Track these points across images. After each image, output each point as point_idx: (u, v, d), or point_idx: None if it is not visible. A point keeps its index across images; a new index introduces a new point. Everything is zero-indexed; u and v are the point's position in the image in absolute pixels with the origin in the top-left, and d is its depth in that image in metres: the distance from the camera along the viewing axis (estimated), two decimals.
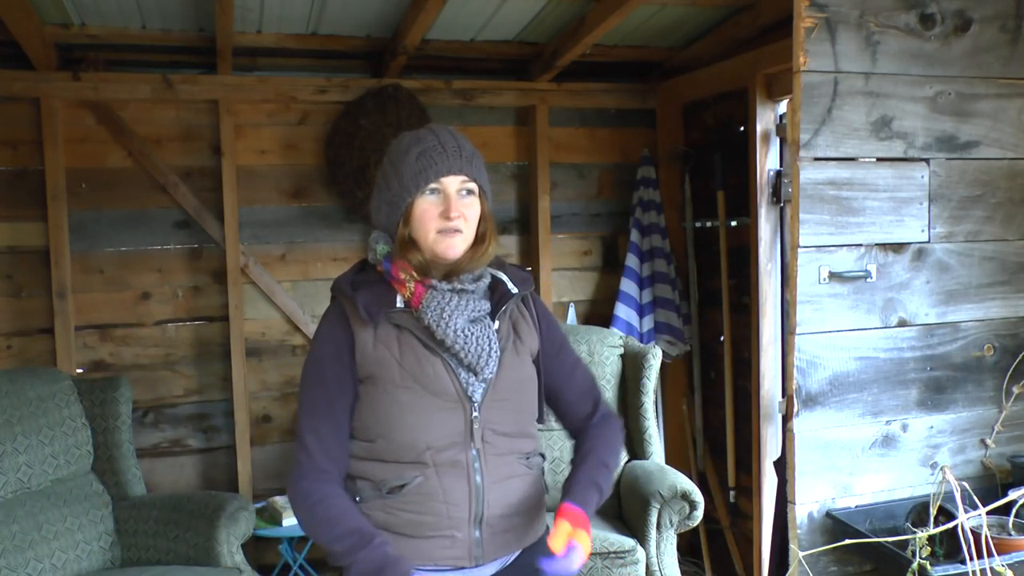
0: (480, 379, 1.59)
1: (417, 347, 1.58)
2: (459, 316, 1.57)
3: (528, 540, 1.68)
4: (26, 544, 2.76)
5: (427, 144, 1.60)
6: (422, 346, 1.58)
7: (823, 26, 1.90)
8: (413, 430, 1.56)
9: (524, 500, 1.65)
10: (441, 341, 1.57)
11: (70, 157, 3.48)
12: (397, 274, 1.60)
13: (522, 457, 1.66)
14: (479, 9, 3.27)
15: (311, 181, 3.79)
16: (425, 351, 1.58)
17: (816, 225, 1.94)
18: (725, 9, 3.37)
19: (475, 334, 1.58)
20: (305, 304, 3.79)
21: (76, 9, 3.09)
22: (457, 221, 1.58)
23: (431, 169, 1.57)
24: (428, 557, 1.58)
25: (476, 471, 1.59)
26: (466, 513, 1.58)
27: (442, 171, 1.58)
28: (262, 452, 3.77)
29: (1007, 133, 2.09)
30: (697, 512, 2.97)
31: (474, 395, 1.59)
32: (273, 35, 3.45)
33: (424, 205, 1.58)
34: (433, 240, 1.59)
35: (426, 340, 1.59)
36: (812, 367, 1.96)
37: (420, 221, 1.59)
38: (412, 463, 1.57)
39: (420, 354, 1.58)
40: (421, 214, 1.58)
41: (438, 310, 1.57)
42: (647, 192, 4.00)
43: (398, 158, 1.61)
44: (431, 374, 1.57)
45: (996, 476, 2.11)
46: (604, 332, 3.51)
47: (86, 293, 3.55)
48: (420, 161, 1.58)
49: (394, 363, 1.57)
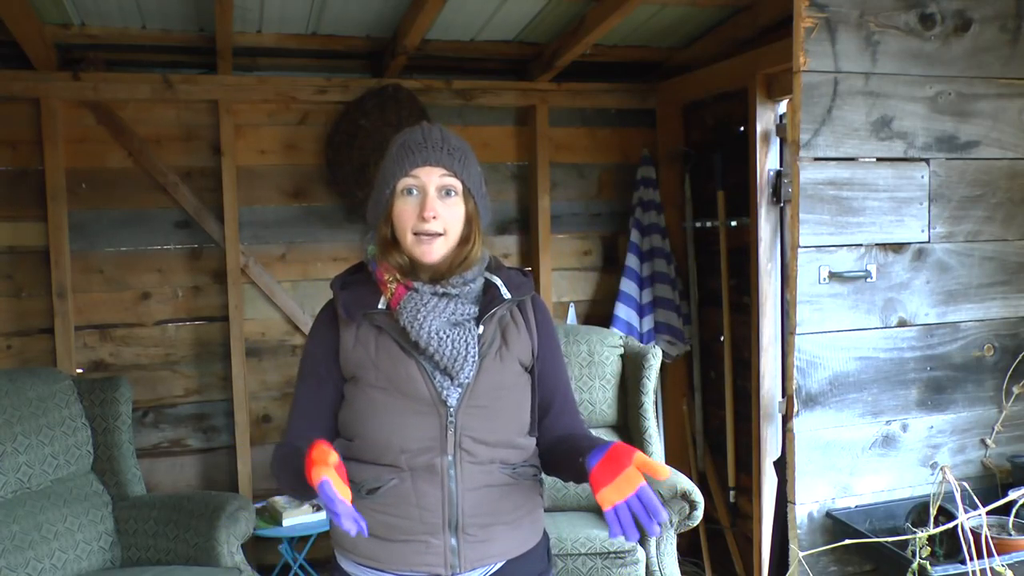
0: (456, 384, 1.54)
1: (393, 348, 1.56)
2: (435, 318, 1.53)
3: (514, 551, 1.62)
4: (26, 544, 2.76)
5: (409, 137, 1.57)
6: (398, 347, 1.56)
7: (823, 26, 1.90)
8: (387, 431, 1.54)
9: (508, 510, 1.60)
10: (415, 343, 1.54)
11: (70, 157, 3.48)
12: (382, 275, 1.57)
13: (506, 467, 1.59)
14: (479, 9, 3.27)
15: (311, 181, 3.79)
16: (401, 353, 1.55)
17: (816, 225, 1.94)
18: (725, 9, 3.37)
19: (451, 337, 1.53)
20: (305, 304, 3.80)
21: (76, 9, 3.09)
22: (433, 223, 1.53)
23: (407, 159, 1.54)
24: (403, 562, 1.55)
25: (451, 478, 1.54)
26: (439, 519, 1.54)
27: (418, 161, 1.53)
28: (262, 452, 3.77)
29: (1007, 133, 2.09)
30: (697, 512, 2.97)
31: (449, 399, 1.54)
32: (273, 35, 3.45)
33: (401, 205, 1.55)
34: (411, 242, 1.55)
35: (402, 342, 1.55)
36: (812, 367, 1.96)
37: (398, 220, 1.55)
38: (388, 466, 1.55)
39: (395, 356, 1.55)
40: (399, 214, 1.55)
41: (413, 311, 1.53)
42: (647, 192, 4.00)
43: (387, 153, 1.59)
44: (404, 376, 1.54)
45: (996, 476, 2.10)
46: (604, 332, 3.51)
47: (86, 293, 3.56)
48: (399, 152, 1.55)
49: (370, 363, 1.55)
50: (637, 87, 4.10)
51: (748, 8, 3.30)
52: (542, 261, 4.02)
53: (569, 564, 2.92)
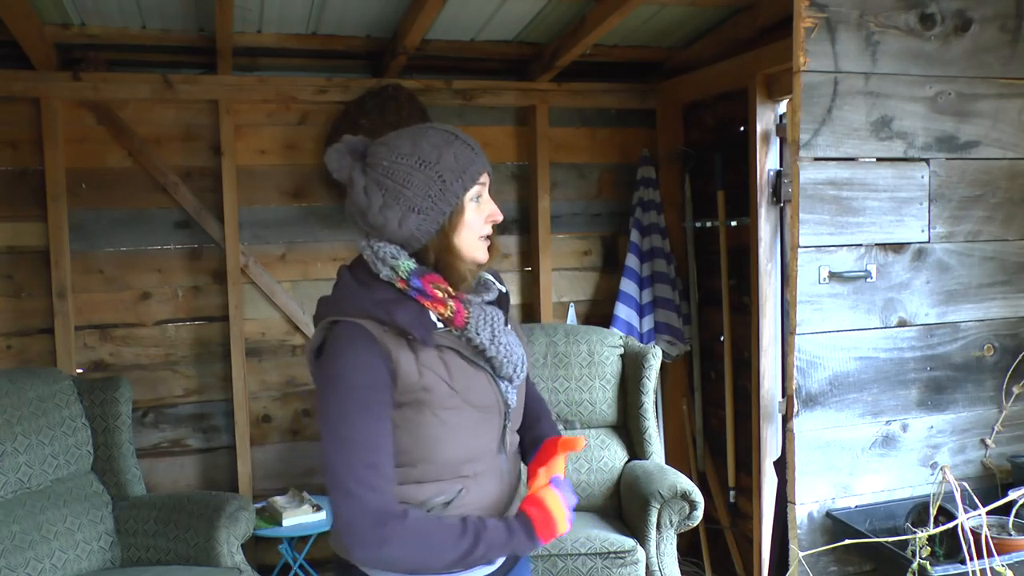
0: (513, 385, 1.60)
1: (462, 364, 1.53)
2: (495, 327, 1.55)
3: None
4: (26, 544, 2.76)
5: (457, 143, 1.51)
6: (466, 362, 1.54)
7: (823, 26, 1.90)
8: (460, 448, 1.53)
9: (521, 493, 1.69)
10: (481, 352, 1.54)
11: (70, 157, 3.48)
12: (432, 292, 1.48)
13: (517, 449, 1.70)
14: (479, 9, 3.27)
15: (311, 181, 3.79)
16: (470, 367, 1.54)
17: (816, 225, 1.94)
18: (725, 9, 3.37)
19: (507, 342, 1.56)
20: (305, 304, 3.80)
21: (76, 9, 3.09)
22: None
23: (472, 167, 1.50)
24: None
25: (506, 472, 1.62)
26: (500, 512, 1.60)
27: (482, 167, 1.52)
28: (262, 452, 3.77)
29: (1007, 133, 2.09)
30: (697, 512, 2.97)
31: (510, 400, 1.60)
32: (273, 35, 3.45)
33: (472, 213, 1.52)
34: (476, 247, 1.54)
35: (470, 356, 1.54)
36: (812, 367, 1.96)
37: (470, 228, 1.52)
38: (453, 478, 1.53)
39: (467, 371, 1.53)
40: (471, 222, 1.52)
41: (488, 327, 1.54)
42: (647, 192, 4.00)
43: (427, 161, 1.47)
44: (478, 389, 1.54)
45: (996, 476, 2.11)
46: (604, 332, 3.51)
47: (86, 293, 3.56)
48: (460, 161, 1.49)
49: (444, 385, 1.50)
50: (637, 87, 4.10)
51: (748, 8, 3.30)
52: (542, 261, 4.02)
53: (569, 564, 2.93)
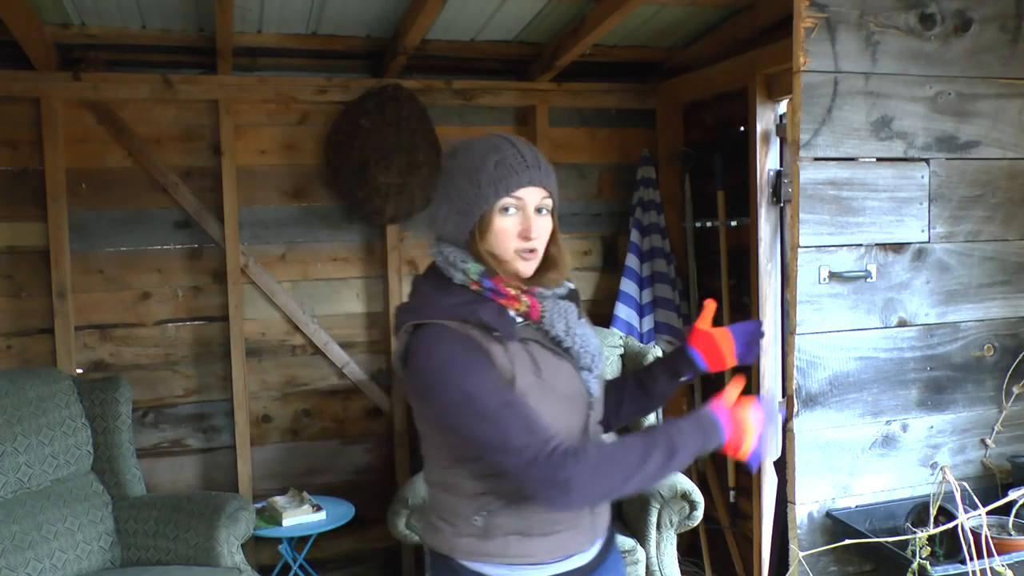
0: (593, 375, 1.63)
1: (549, 357, 1.58)
2: (570, 319, 1.61)
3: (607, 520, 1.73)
4: (26, 544, 2.76)
5: (506, 153, 1.55)
6: (552, 355, 1.59)
7: (823, 26, 1.90)
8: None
9: None
10: (560, 343, 1.60)
11: (70, 157, 3.48)
12: (506, 290, 1.56)
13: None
14: (479, 9, 3.27)
15: (311, 181, 3.79)
16: (555, 358, 1.59)
17: (816, 225, 1.94)
18: (725, 9, 3.37)
19: (584, 334, 1.62)
20: (305, 304, 3.80)
21: (76, 9, 3.09)
22: (535, 241, 1.57)
23: (511, 178, 1.53)
24: (561, 550, 1.60)
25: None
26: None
27: (523, 181, 1.54)
28: (262, 452, 3.77)
29: (1007, 133, 2.08)
30: (697, 512, 2.97)
31: (593, 390, 1.63)
32: (273, 35, 3.45)
33: (501, 223, 1.55)
34: (511, 258, 1.57)
35: (553, 348, 1.60)
36: (812, 367, 1.96)
37: (498, 238, 1.55)
38: None
39: (553, 362, 1.58)
40: (499, 231, 1.55)
41: (562, 319, 1.59)
42: (647, 192, 4.00)
43: (472, 165, 1.54)
44: (564, 378, 1.59)
45: (996, 476, 2.10)
46: (604, 332, 3.51)
47: (86, 293, 3.56)
48: (499, 170, 1.53)
49: (533, 377, 1.55)
50: (637, 87, 4.10)
51: (748, 8, 3.30)
52: None
53: None
